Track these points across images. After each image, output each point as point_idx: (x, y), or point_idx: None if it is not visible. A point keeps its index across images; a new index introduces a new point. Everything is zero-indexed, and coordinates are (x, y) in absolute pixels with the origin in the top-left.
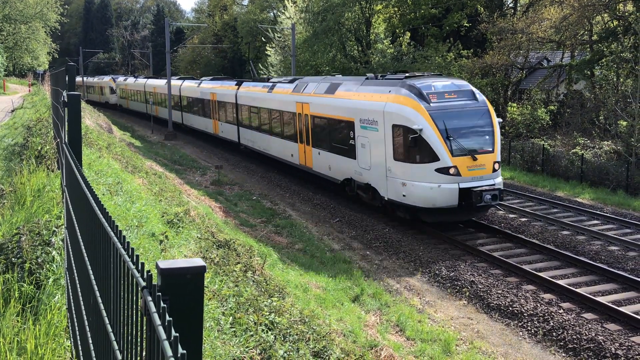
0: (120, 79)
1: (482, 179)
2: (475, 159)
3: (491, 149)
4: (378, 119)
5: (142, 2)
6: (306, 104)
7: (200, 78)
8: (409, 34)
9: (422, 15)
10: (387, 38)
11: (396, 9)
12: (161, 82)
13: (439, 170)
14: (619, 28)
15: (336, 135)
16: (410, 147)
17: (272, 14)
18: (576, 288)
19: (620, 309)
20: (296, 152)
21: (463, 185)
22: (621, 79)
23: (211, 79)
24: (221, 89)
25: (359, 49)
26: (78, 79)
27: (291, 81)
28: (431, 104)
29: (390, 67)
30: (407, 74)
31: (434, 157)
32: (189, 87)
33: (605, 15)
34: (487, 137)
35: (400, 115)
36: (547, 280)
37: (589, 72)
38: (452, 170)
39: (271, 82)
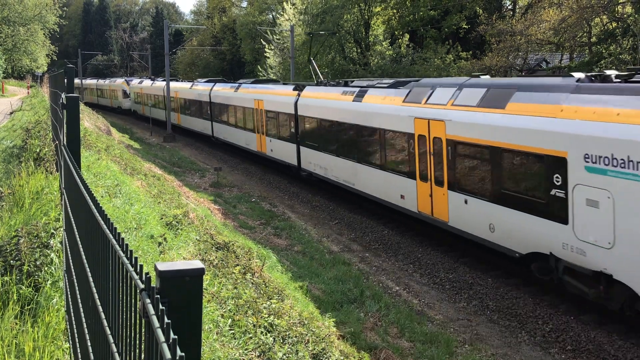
0: (135, 81)
1: None
2: None
3: None
4: None
5: (141, 4)
6: (437, 123)
7: (238, 81)
8: (407, 35)
9: (421, 17)
10: (386, 40)
11: (395, 10)
12: (185, 86)
13: None
14: (617, 30)
15: (514, 176)
16: None
17: (271, 15)
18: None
19: None
20: (412, 194)
21: None
22: None
23: (253, 82)
24: (272, 95)
25: (358, 51)
26: (88, 81)
27: (394, 85)
28: None
29: (389, 69)
30: None
31: None
32: (222, 92)
33: (604, 17)
34: None
35: None
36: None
37: None
38: None
39: (354, 86)
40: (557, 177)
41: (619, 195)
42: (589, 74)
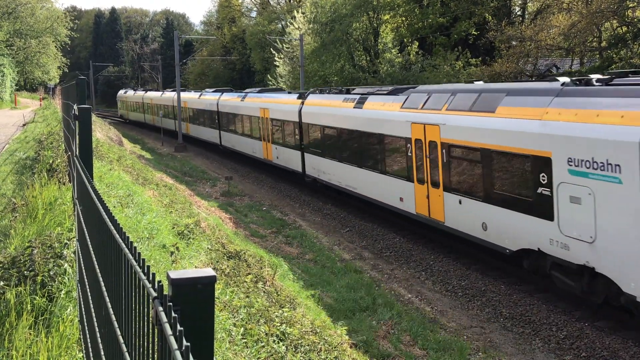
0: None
1: None
2: None
3: None
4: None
5: (152, 16)
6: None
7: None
8: (417, 43)
9: (430, 25)
10: (395, 47)
11: (404, 18)
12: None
13: None
14: (628, 34)
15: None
16: None
17: (280, 25)
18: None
19: None
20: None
21: None
22: None
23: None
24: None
25: (367, 58)
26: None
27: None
28: None
29: (398, 76)
30: None
31: None
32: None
33: (614, 21)
34: None
35: None
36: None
37: None
38: None
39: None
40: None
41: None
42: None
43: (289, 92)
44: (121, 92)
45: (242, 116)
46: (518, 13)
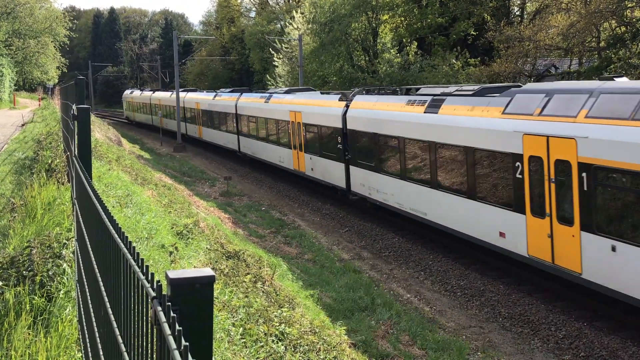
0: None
1: None
2: None
3: None
4: None
5: (151, 16)
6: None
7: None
8: (416, 43)
9: (429, 25)
10: (394, 47)
11: (403, 18)
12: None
13: None
14: (626, 34)
15: None
16: None
17: (279, 25)
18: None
19: None
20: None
21: None
22: None
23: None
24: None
25: (366, 58)
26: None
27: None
28: None
29: (397, 76)
30: None
31: None
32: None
33: (613, 21)
34: None
35: None
36: (559, 289)
37: (595, 79)
38: None
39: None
40: None
41: None
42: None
43: (324, 93)
44: (127, 92)
45: (266, 120)
46: (517, 13)
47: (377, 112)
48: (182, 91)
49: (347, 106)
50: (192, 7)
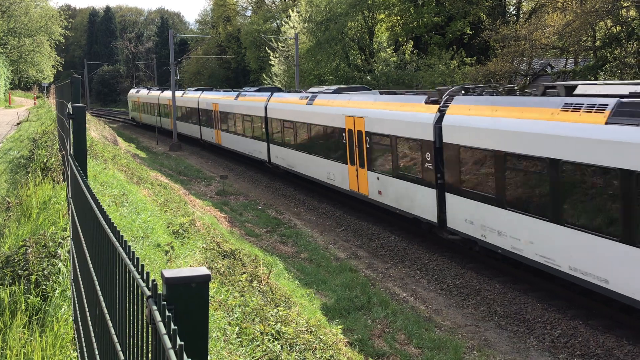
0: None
1: None
2: None
3: None
4: None
5: (146, 14)
6: None
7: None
8: (412, 42)
9: (425, 24)
10: (390, 47)
11: (399, 17)
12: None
13: None
14: (622, 34)
15: None
16: None
17: (275, 24)
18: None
19: None
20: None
21: None
22: None
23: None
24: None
25: (362, 57)
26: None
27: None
28: None
29: (393, 75)
30: None
31: None
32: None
33: (609, 21)
34: None
35: None
36: (556, 288)
37: (592, 78)
38: None
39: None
40: None
41: None
42: None
43: (385, 93)
44: (132, 91)
45: (308, 126)
46: (513, 12)
47: (502, 122)
48: (196, 90)
49: (441, 111)
50: (188, 6)
